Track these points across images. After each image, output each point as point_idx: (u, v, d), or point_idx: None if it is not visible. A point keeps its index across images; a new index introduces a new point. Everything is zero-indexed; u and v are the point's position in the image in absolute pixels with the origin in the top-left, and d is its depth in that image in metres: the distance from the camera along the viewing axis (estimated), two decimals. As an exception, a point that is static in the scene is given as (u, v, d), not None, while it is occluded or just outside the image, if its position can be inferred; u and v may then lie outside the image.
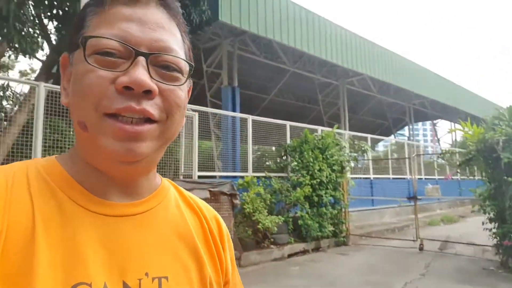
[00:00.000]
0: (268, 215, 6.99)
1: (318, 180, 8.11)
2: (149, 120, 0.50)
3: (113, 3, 0.52)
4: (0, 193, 0.48)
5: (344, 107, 15.44)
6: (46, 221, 0.47)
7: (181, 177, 7.56)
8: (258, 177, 8.52)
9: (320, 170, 8.24)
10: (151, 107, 0.50)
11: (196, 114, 7.77)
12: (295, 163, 8.36)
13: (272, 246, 7.17)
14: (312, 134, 8.98)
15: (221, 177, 8.69)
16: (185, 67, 0.55)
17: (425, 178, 15.05)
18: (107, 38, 0.49)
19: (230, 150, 9.55)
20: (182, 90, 0.55)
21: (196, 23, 7.47)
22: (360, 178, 11.67)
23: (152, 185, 0.60)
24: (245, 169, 9.09)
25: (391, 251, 7.67)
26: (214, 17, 8.47)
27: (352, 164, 9.35)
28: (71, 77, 0.53)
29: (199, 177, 7.58)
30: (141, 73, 0.49)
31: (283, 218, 7.35)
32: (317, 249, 7.89)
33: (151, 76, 0.50)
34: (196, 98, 12.21)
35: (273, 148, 9.99)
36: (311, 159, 8.24)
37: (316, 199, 8.11)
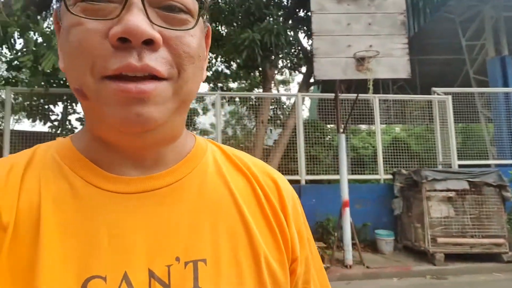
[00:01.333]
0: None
1: None
2: (155, 77, 0.40)
3: None
4: (7, 183, 0.44)
5: None
6: (56, 207, 0.42)
7: (439, 166, 7.11)
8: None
9: None
10: (156, 61, 0.40)
11: (449, 97, 7.06)
12: None
13: None
14: None
15: (494, 165, 7.45)
16: (194, 6, 0.43)
17: None
18: None
19: (506, 133, 7.99)
20: (193, 36, 0.43)
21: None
22: None
23: (179, 151, 0.50)
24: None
25: None
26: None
27: None
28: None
29: (461, 166, 6.85)
30: (137, 19, 0.38)
31: None
32: None
33: (151, 21, 0.40)
34: (458, 78, 10.89)
35: None
36: None
37: None
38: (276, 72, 9.44)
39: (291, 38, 7.04)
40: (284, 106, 8.75)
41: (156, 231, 0.44)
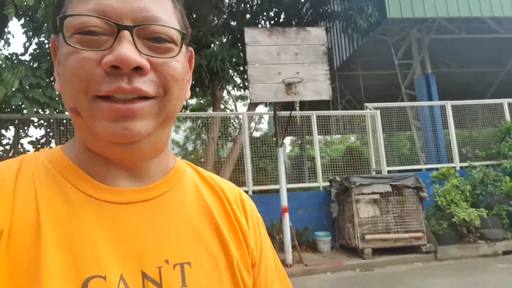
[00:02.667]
0: (468, 208, 6.38)
1: (542, 165, 6.63)
2: (144, 97, 0.46)
3: None
4: (1, 189, 0.45)
5: None
6: (52, 214, 0.45)
7: (373, 173, 7.97)
8: (461, 168, 7.79)
9: (543, 152, 6.71)
10: (144, 84, 0.45)
11: (378, 111, 8.00)
12: (507, 147, 7.14)
13: (480, 241, 6.46)
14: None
15: (417, 170, 8.43)
16: (178, 36, 0.49)
17: None
18: (85, 15, 0.44)
19: (432, 141, 9.07)
20: (178, 61, 0.49)
21: (364, 28, 7.79)
22: None
23: (163, 168, 0.56)
24: (450, 159, 8.43)
25: None
26: (382, 17, 8.46)
27: None
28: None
29: (390, 171, 7.74)
30: (126, 49, 0.43)
31: (489, 211, 6.49)
32: (551, 248, 6.43)
33: (139, 51, 0.45)
34: (391, 92, 12.05)
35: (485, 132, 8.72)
36: (529, 141, 6.84)
37: (541, 188, 6.64)
38: (226, 92, 10.12)
39: (235, 61, 7.71)
40: (235, 124, 9.43)
41: (146, 237, 0.48)
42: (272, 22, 10.11)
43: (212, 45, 7.95)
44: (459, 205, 6.35)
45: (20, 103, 5.78)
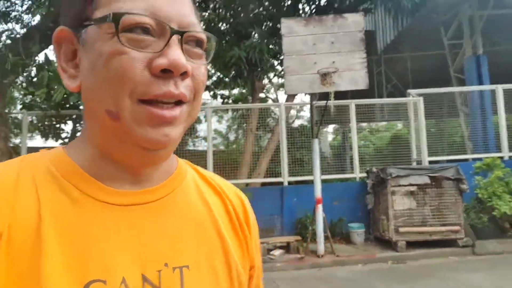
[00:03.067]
0: (511, 201, 6.11)
1: None
2: (180, 102, 0.47)
3: None
4: (1, 191, 0.45)
5: None
6: (54, 216, 0.45)
7: (414, 164, 7.81)
8: (510, 158, 7.39)
9: None
10: (185, 88, 0.47)
11: (421, 98, 7.73)
12: None
13: (526, 237, 6.20)
14: None
15: (464, 160, 8.09)
16: (205, 41, 0.50)
17: None
18: (140, 14, 0.44)
19: (480, 129, 8.61)
20: (204, 67, 0.51)
21: (409, 8, 7.46)
22: None
23: (168, 169, 0.56)
24: (499, 149, 8.00)
25: None
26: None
27: None
28: (85, 57, 0.47)
29: (430, 162, 7.54)
30: (179, 54, 0.45)
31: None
32: None
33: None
34: (441, 75, 11.42)
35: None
36: None
37: None
38: (267, 80, 10.26)
39: (275, 50, 7.81)
40: (273, 114, 9.60)
41: (148, 240, 0.48)
42: (314, 6, 9.97)
43: (252, 35, 8.09)
44: (501, 198, 6.10)
45: (77, 101, 6.46)
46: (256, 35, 8.32)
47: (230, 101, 12.27)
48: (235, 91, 14.08)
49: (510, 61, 12.02)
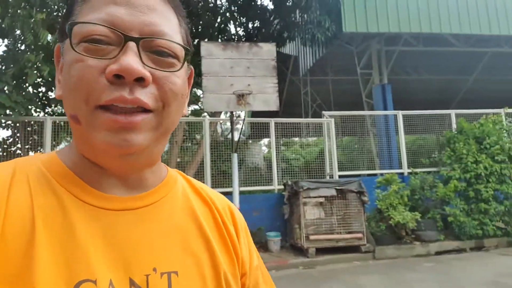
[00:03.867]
0: (405, 211, 7.00)
1: (473, 173, 7.32)
2: (144, 109, 0.47)
3: None
4: None
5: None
6: (46, 218, 0.46)
7: (328, 177, 8.54)
8: (409, 173, 8.44)
9: (475, 162, 7.40)
10: (145, 95, 0.47)
11: (332, 120, 8.56)
12: (446, 156, 7.82)
13: (416, 242, 7.11)
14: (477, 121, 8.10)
15: (372, 174, 9.07)
16: (181, 52, 0.51)
17: None
18: (94, 23, 0.46)
19: (386, 148, 9.71)
20: (179, 77, 0.51)
21: (322, 41, 8.34)
22: None
23: (157, 177, 0.57)
24: (400, 165, 9.09)
25: None
26: (339, 31, 9.03)
27: None
28: (63, 68, 0.50)
29: (342, 176, 8.33)
30: (131, 60, 0.45)
31: (425, 215, 7.14)
32: (478, 248, 7.14)
33: (143, 63, 0.47)
34: (358, 99, 12.68)
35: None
36: (464, 151, 7.52)
37: (472, 194, 7.33)
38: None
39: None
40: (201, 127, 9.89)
41: (136, 244, 0.49)
42: (242, 29, 10.56)
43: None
44: (396, 209, 6.96)
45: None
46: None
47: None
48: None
49: (410, 89, 13.81)
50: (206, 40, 8.56)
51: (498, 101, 13.97)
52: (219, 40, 9.43)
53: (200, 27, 9.55)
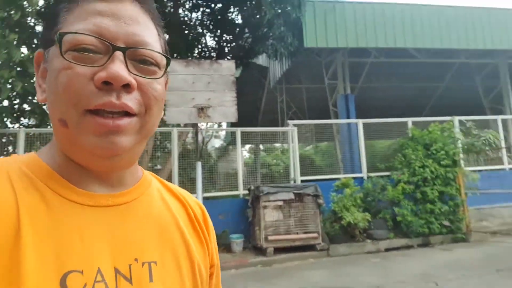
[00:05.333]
0: (357, 212, 7.61)
1: (420, 177, 8.00)
2: (128, 114, 0.51)
3: None
4: None
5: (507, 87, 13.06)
6: (31, 214, 0.48)
7: (292, 182, 9.11)
8: (368, 177, 9.07)
9: (423, 166, 8.08)
10: (130, 101, 0.51)
11: (295, 128, 9.16)
12: (397, 161, 8.50)
13: (368, 240, 7.71)
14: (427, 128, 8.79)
15: (336, 179, 9.67)
16: (162, 60, 0.56)
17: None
18: (83, 34, 0.50)
19: (348, 153, 10.36)
20: (159, 83, 0.56)
21: (285, 55, 8.97)
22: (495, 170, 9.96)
23: (134, 177, 0.62)
24: (361, 170, 9.72)
25: (509, 248, 6.78)
26: (301, 46, 9.70)
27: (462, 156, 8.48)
28: (47, 73, 0.53)
29: (302, 181, 8.91)
30: (119, 68, 0.49)
31: (377, 215, 7.76)
32: (425, 245, 7.79)
33: (129, 70, 0.51)
34: (322, 108, 13.37)
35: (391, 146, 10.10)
36: (413, 157, 8.20)
37: (419, 195, 8.00)
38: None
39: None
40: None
41: (118, 237, 0.53)
42: (215, 41, 11.11)
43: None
44: (349, 210, 7.57)
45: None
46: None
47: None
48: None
49: (384, 97, 14.61)
50: (175, 55, 9.11)
51: (466, 107, 15.01)
52: (189, 54, 9.96)
53: (170, 39, 10.08)
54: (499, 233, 7.97)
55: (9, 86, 6.78)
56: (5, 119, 7.48)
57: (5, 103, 7.73)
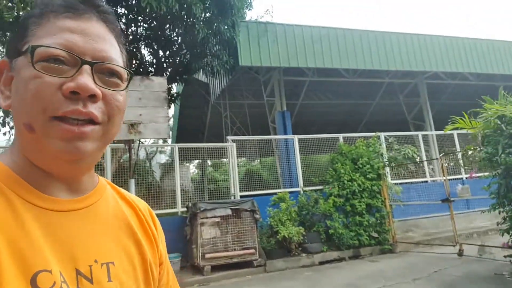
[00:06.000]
0: (292, 226, 7.86)
1: (349, 190, 8.50)
2: (92, 122, 0.56)
3: (57, 16, 0.58)
4: None
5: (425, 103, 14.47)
6: None
7: (232, 197, 9.17)
8: (304, 191, 9.43)
9: (351, 180, 8.60)
10: (95, 110, 0.56)
11: (234, 144, 9.31)
12: (329, 175, 8.96)
13: (303, 254, 7.98)
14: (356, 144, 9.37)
15: (274, 193, 9.93)
16: (124, 74, 0.62)
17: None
18: (55, 48, 0.55)
19: (286, 168, 10.69)
20: (122, 95, 0.61)
21: (220, 73, 9.13)
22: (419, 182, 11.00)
23: (92, 182, 0.67)
24: (296, 185, 10.08)
25: (429, 257, 7.44)
26: (236, 64, 10.00)
27: (387, 169, 9.21)
28: (14, 81, 0.58)
29: (242, 196, 9.03)
30: (87, 80, 0.55)
31: (309, 229, 8.08)
32: (356, 257, 8.22)
33: (95, 82, 0.56)
34: (264, 124, 13.74)
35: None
36: (342, 170, 8.70)
37: (349, 208, 8.49)
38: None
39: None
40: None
41: (79, 240, 0.58)
42: (152, 56, 10.96)
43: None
44: (284, 224, 7.80)
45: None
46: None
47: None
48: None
49: (322, 113, 15.34)
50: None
51: (395, 123, 16.30)
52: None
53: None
54: (422, 243, 8.65)
55: None
56: None
57: None
